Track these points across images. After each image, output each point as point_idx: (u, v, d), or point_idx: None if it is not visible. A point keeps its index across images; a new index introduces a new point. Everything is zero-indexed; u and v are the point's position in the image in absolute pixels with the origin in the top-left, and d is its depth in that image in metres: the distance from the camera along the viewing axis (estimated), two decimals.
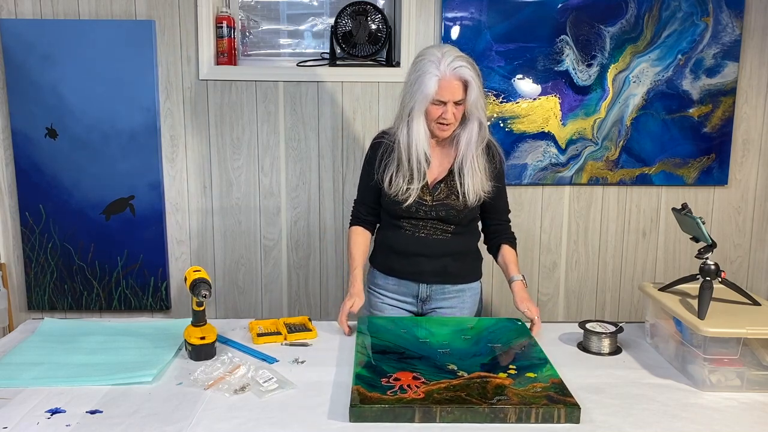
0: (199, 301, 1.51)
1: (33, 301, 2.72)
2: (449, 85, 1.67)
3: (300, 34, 2.77)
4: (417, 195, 1.79)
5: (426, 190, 1.80)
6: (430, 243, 1.83)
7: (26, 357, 1.52)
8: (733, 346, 1.38)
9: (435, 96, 1.68)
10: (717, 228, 2.77)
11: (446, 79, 1.67)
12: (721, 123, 2.66)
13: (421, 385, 1.32)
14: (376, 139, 1.89)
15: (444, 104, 1.70)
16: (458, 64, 1.67)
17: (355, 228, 1.93)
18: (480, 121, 1.76)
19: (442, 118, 1.72)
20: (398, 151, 1.79)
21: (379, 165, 1.83)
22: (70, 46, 2.53)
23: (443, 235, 1.83)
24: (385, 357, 1.47)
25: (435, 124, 1.75)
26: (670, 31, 2.58)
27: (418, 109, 1.72)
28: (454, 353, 1.50)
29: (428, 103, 1.70)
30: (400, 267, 1.87)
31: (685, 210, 1.58)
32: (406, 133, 1.76)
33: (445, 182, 1.81)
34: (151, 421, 1.24)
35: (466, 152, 1.78)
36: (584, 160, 2.67)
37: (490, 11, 2.55)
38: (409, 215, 1.82)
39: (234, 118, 2.64)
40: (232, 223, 2.71)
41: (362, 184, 1.92)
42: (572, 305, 2.82)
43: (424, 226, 1.83)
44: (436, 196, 1.80)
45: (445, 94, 1.68)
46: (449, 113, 1.71)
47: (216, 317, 2.72)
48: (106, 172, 2.62)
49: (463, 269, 1.89)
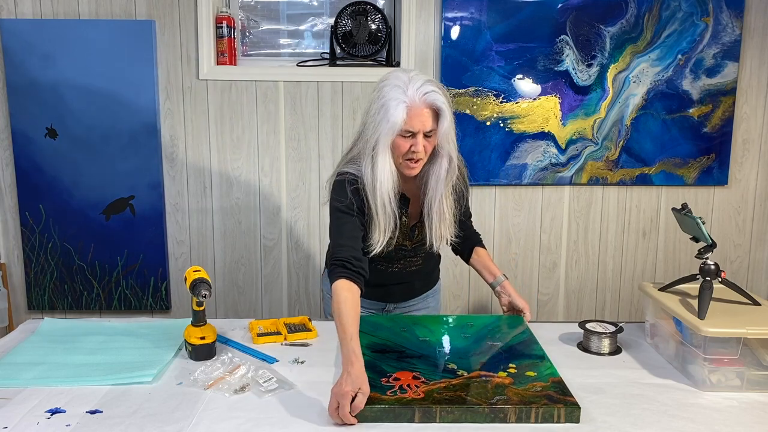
0: (199, 301, 1.51)
1: (33, 301, 2.72)
2: (419, 113, 1.45)
3: (300, 34, 2.77)
4: (398, 242, 1.64)
5: (405, 235, 1.65)
6: (402, 274, 1.76)
7: (26, 357, 1.52)
8: (733, 346, 1.38)
9: (403, 126, 1.45)
10: (717, 228, 2.77)
11: (416, 107, 1.45)
12: (721, 123, 2.66)
13: (421, 385, 1.32)
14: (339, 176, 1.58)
15: (413, 136, 1.48)
16: (428, 88, 1.46)
17: (343, 283, 1.47)
18: (450, 155, 1.54)
19: (411, 152, 1.49)
20: (366, 193, 1.54)
21: (360, 212, 1.57)
22: (70, 46, 2.53)
23: (415, 266, 1.76)
24: (385, 356, 1.46)
25: (403, 161, 1.52)
26: (670, 31, 2.58)
27: (383, 143, 1.48)
28: (454, 352, 1.50)
29: (395, 134, 1.47)
30: (368, 292, 1.62)
31: (685, 210, 1.58)
32: (370, 172, 1.51)
33: (421, 222, 1.65)
34: (151, 421, 1.24)
35: (434, 193, 1.57)
36: (584, 160, 2.67)
37: (490, 11, 2.55)
38: (387, 258, 1.68)
39: (234, 118, 2.64)
40: (232, 223, 2.71)
41: (343, 226, 1.56)
42: (572, 305, 2.82)
43: (399, 263, 1.74)
44: (414, 239, 1.68)
45: (415, 123, 1.46)
46: (419, 145, 1.48)
47: (216, 317, 2.72)
48: (106, 172, 2.62)
49: (427, 282, 1.87)
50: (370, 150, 1.51)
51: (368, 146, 1.51)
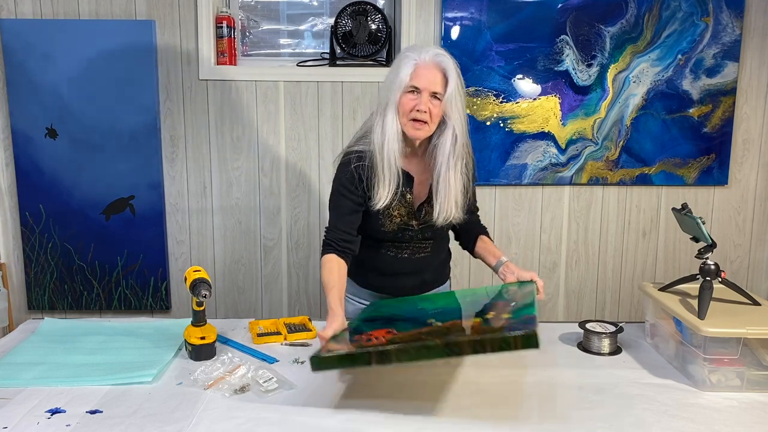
0: (199, 301, 1.51)
1: (33, 301, 2.72)
2: (426, 71, 1.52)
3: (300, 34, 2.77)
4: (403, 221, 1.66)
5: (411, 214, 1.67)
6: (412, 261, 1.74)
7: (26, 357, 1.52)
8: (733, 346, 1.38)
9: (409, 81, 1.52)
10: (717, 228, 2.77)
11: (424, 64, 1.52)
12: (721, 123, 2.66)
13: (388, 335, 1.29)
14: (353, 159, 1.63)
15: (419, 93, 1.53)
16: (439, 52, 1.54)
17: (329, 256, 1.62)
18: (455, 130, 1.57)
19: (415, 111, 1.53)
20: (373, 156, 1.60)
21: (368, 187, 1.62)
22: (70, 46, 2.53)
23: (424, 253, 1.75)
24: (373, 323, 1.44)
25: (408, 123, 1.55)
26: (670, 31, 2.58)
27: (392, 101, 1.55)
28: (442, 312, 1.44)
29: (402, 90, 1.53)
30: (379, 284, 1.77)
31: (685, 210, 1.58)
32: (380, 131, 1.57)
33: (428, 202, 1.67)
34: (151, 421, 1.24)
35: (441, 167, 1.59)
36: (584, 160, 2.67)
37: (490, 11, 2.55)
38: (394, 239, 1.70)
39: (234, 118, 2.64)
40: (232, 223, 2.71)
41: (337, 209, 1.66)
42: (572, 305, 2.82)
43: (407, 247, 1.73)
44: (422, 219, 1.68)
45: (421, 80, 1.51)
46: (423, 104, 1.52)
47: (216, 317, 2.72)
48: (106, 172, 2.62)
49: (438, 276, 1.85)
50: (381, 110, 1.58)
51: (380, 107, 1.59)
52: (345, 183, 1.63)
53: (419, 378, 1.43)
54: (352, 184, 1.62)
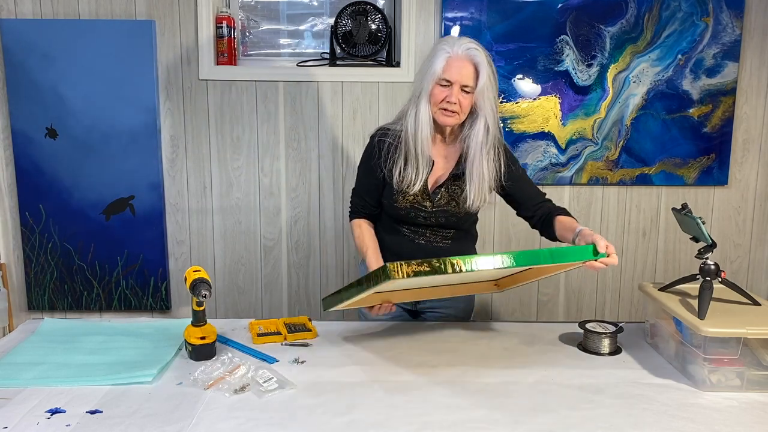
0: (199, 301, 1.51)
1: (33, 301, 2.72)
2: (458, 64, 1.59)
3: (300, 34, 2.77)
4: (416, 200, 1.71)
5: (426, 195, 1.72)
6: (429, 250, 1.77)
7: (26, 357, 1.52)
8: (733, 346, 1.38)
9: (441, 74, 1.60)
10: (717, 228, 2.77)
11: (456, 58, 1.59)
12: (721, 123, 2.66)
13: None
14: (378, 134, 1.77)
15: (450, 86, 1.60)
16: (472, 46, 1.60)
17: (357, 220, 1.83)
18: (487, 120, 1.65)
19: (446, 102, 1.61)
20: (405, 140, 1.68)
21: (385, 161, 1.72)
22: (70, 46, 2.53)
23: (443, 242, 1.77)
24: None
25: (439, 111, 1.64)
26: (670, 31, 2.58)
27: (425, 90, 1.63)
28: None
29: (434, 82, 1.61)
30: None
31: (685, 210, 1.58)
32: (413, 119, 1.66)
33: (445, 187, 1.72)
34: (151, 421, 1.24)
35: (474, 154, 1.67)
36: (584, 160, 2.67)
37: (490, 11, 2.55)
38: (408, 221, 1.75)
39: (234, 118, 2.64)
40: (232, 223, 2.71)
41: (362, 179, 1.82)
42: (572, 305, 2.82)
43: (424, 233, 1.77)
44: (436, 202, 1.72)
45: (453, 73, 1.59)
46: (454, 96, 1.60)
47: (216, 317, 2.72)
48: (106, 172, 2.62)
49: None
50: (415, 99, 1.67)
51: (414, 96, 1.68)
52: (366, 154, 1.79)
53: (419, 378, 1.43)
54: (371, 156, 1.76)
